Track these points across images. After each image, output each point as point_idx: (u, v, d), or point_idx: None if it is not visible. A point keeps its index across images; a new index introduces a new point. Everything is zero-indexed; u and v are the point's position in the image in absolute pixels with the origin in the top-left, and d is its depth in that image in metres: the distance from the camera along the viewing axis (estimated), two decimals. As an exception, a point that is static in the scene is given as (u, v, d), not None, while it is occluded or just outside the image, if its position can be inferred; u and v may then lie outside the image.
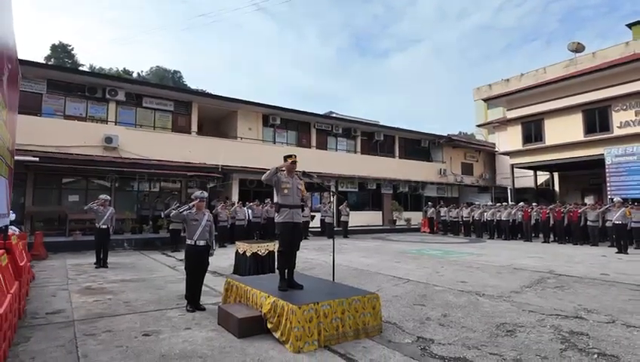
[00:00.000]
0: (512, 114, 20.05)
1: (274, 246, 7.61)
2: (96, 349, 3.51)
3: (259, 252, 7.29)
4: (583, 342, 3.75)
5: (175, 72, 55.20)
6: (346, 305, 3.91)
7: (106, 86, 14.63)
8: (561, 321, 4.42)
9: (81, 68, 41.87)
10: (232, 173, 16.17)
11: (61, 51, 46.47)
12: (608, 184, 15.81)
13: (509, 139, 20.53)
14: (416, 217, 21.68)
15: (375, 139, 22.41)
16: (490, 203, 20.38)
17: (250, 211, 13.77)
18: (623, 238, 10.94)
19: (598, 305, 5.13)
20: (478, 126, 32.63)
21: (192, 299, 4.91)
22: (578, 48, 31.49)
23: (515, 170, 20.16)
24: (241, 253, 7.48)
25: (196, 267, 4.95)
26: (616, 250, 10.97)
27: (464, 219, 17.63)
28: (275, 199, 4.65)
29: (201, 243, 4.97)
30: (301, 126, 20.21)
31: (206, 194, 5.36)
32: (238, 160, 16.11)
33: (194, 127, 16.73)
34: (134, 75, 51.05)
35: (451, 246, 13.24)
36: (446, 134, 26.18)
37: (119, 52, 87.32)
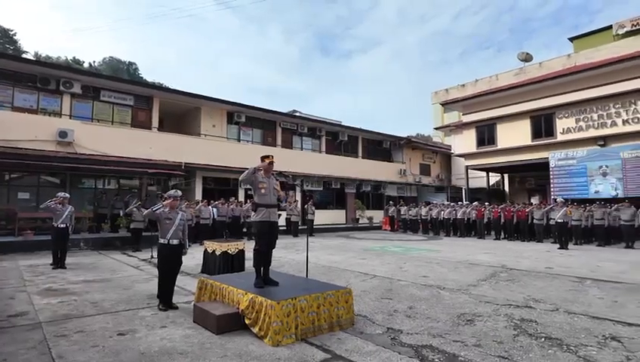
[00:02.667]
0: (467, 118, 21.20)
1: (244, 244, 7.67)
2: (70, 349, 3.45)
3: (229, 251, 7.31)
4: (532, 328, 4.19)
5: (131, 63, 52.67)
6: (321, 299, 4.10)
7: (61, 77, 13.80)
8: (513, 310, 4.88)
9: (25, 55, 38.90)
10: (195, 170, 15.87)
11: (2, 36, 42.88)
12: (552, 185, 17.20)
13: (464, 142, 21.68)
14: (378, 215, 22.33)
15: (339, 139, 22.82)
16: (446, 202, 21.45)
17: (215, 210, 13.60)
18: (564, 235, 12.00)
19: (544, 295, 5.69)
20: (436, 129, 34.09)
21: (165, 298, 4.89)
22: (527, 58, 33.78)
23: (469, 171, 21.32)
24: (211, 251, 7.46)
25: (169, 266, 4.94)
26: (558, 245, 12.01)
27: (423, 217, 18.43)
28: (253, 199, 4.74)
29: (175, 242, 4.97)
30: (266, 124, 20.16)
31: (180, 193, 5.34)
32: (201, 157, 15.84)
33: (155, 123, 16.21)
34: (85, 65, 48.12)
35: (412, 243, 13.86)
36: (406, 136, 27.16)
37: (69, 40, 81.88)
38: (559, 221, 12.08)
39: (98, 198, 13.88)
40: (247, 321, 3.98)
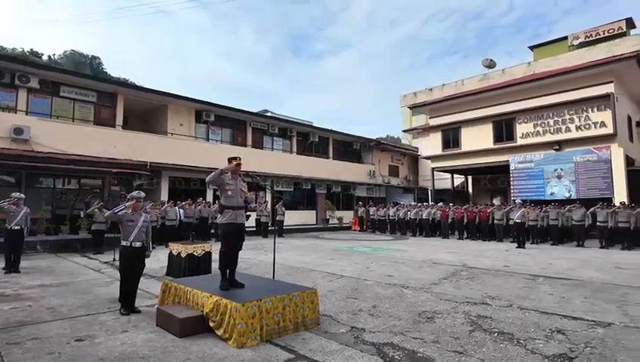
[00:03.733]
0: (434, 121, 21.87)
1: (210, 246, 7.58)
2: (24, 357, 3.32)
3: (195, 253, 7.20)
4: (487, 324, 4.43)
5: (94, 57, 50.37)
6: (287, 300, 4.15)
7: (16, 71, 13.08)
8: (470, 307, 5.13)
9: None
10: (161, 170, 15.46)
11: (-51, 24, 39.89)
12: (512, 187, 18.06)
13: (431, 145, 22.36)
14: (347, 216, 22.61)
15: (310, 140, 22.92)
16: (413, 203, 22.04)
17: (181, 211, 13.32)
18: (521, 235, 12.66)
19: (500, 292, 6.01)
20: (404, 131, 34.86)
21: (127, 302, 4.78)
22: (490, 65, 35.21)
23: (435, 173, 22.00)
24: (176, 254, 7.33)
25: (132, 268, 4.84)
26: (516, 245, 12.64)
27: (390, 217, 18.83)
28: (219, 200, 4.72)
29: (137, 244, 4.87)
30: (236, 124, 19.94)
31: (143, 194, 5.22)
32: (168, 157, 15.47)
33: (119, 121, 15.68)
34: (44, 58, 45.63)
35: (379, 243, 14.15)
36: (375, 138, 27.68)
37: (26, 31, 77.26)
38: (517, 221, 12.72)
39: (57, 198, 13.25)
40: (211, 324, 3.97)
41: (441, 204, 17.94)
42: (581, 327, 4.30)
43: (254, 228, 16.38)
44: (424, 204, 19.94)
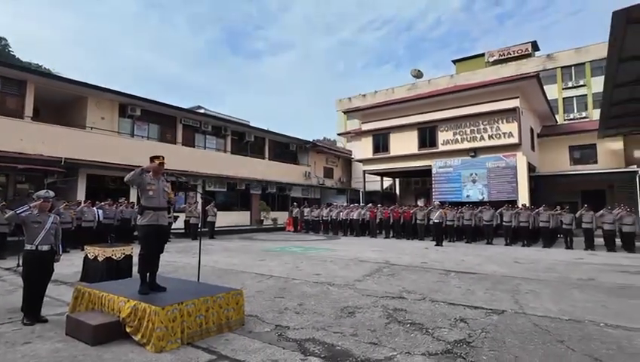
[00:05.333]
0: (366, 126, 22.86)
1: (131, 249, 7.18)
2: None
3: (113, 256, 6.78)
4: (401, 316, 4.81)
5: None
6: (210, 302, 4.13)
7: None
8: (388, 301, 5.52)
9: None
10: (78, 167, 14.20)
11: None
12: (434, 189, 19.54)
13: (363, 148, 23.33)
14: (282, 217, 22.66)
15: (246, 139, 22.60)
16: (345, 203, 22.81)
17: (100, 212, 12.36)
18: (439, 234, 13.79)
19: (416, 286, 6.53)
20: (339, 134, 35.90)
21: (31, 311, 4.38)
22: (418, 75, 37.69)
23: (366, 175, 23.01)
24: (92, 257, 6.84)
25: (38, 275, 4.44)
26: (435, 243, 13.72)
27: (324, 218, 19.30)
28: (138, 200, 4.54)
29: (45, 248, 4.49)
30: (166, 120, 18.97)
31: (52, 193, 4.82)
32: (87, 153, 14.27)
33: (28, 112, 14.09)
34: None
35: (311, 243, 14.45)
36: (312, 140, 28.11)
37: None
38: (436, 221, 13.82)
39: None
40: (128, 329, 3.83)
41: (370, 205, 18.80)
42: (480, 315, 4.86)
43: (183, 230, 15.77)
44: (355, 204, 20.72)
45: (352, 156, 29.05)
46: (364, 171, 22.94)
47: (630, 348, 3.75)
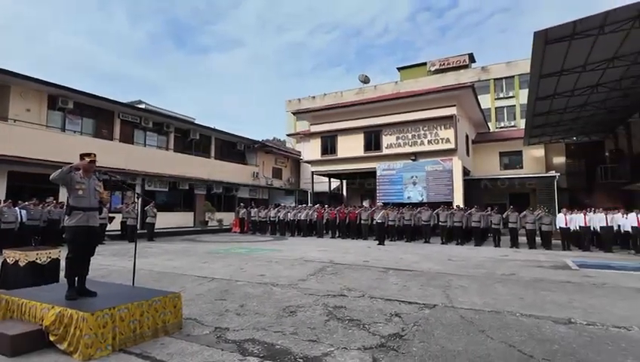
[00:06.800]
0: (315, 128, 23.16)
1: (59, 253, 6.67)
2: None
3: (38, 260, 6.25)
4: (341, 313, 4.98)
5: None
6: (145, 306, 3.98)
7: None
8: (329, 299, 5.68)
9: None
10: (-2, 163, 12.87)
11: None
12: (378, 191, 20.27)
13: (311, 150, 23.59)
14: (228, 218, 22.20)
15: (190, 137, 21.85)
16: (294, 204, 22.89)
17: (24, 212, 11.30)
18: (382, 233, 14.36)
19: (357, 284, 6.77)
20: (288, 135, 35.96)
21: None
22: (365, 80, 38.83)
23: (314, 176, 23.30)
24: (12, 262, 6.24)
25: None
26: (377, 242, 14.25)
27: (271, 219, 19.22)
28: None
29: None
30: (102, 114, 17.79)
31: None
32: (8, 148, 13.01)
33: None
34: None
35: (257, 244, 14.33)
36: (261, 140, 27.88)
37: None
38: (379, 221, 14.37)
39: None
40: (52, 338, 3.58)
41: (317, 205, 19.06)
42: (414, 310, 5.17)
43: (120, 232, 14.88)
44: (303, 205, 20.89)
45: (301, 157, 29.22)
46: (312, 172, 23.21)
47: (539, 334, 4.21)
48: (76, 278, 4.12)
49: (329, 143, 22.34)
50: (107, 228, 13.37)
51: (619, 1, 9.24)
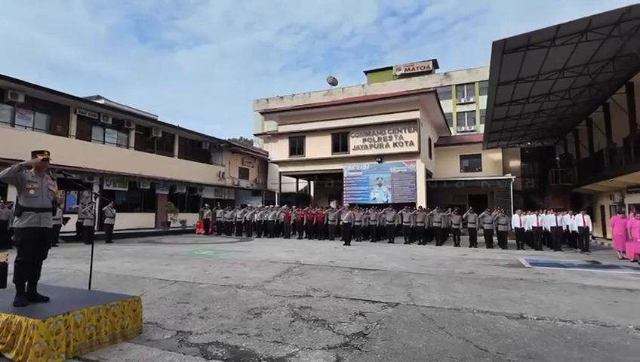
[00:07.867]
0: (282, 128, 23.07)
1: (6, 256, 6.25)
2: None
3: (-18, 264, 5.83)
4: (306, 313, 5.00)
5: None
6: (102, 311, 3.83)
7: None
8: (295, 300, 5.69)
9: None
10: (-64, 159, 11.85)
11: None
12: (345, 192, 20.49)
13: (279, 150, 23.49)
14: (192, 218, 21.65)
15: (152, 135, 21.11)
16: (261, 205, 22.68)
17: (-33, 212, 10.49)
18: (348, 233, 14.54)
19: (322, 284, 6.82)
20: (256, 135, 35.59)
21: None
22: (333, 82, 39.14)
23: (282, 176, 23.20)
24: (-48, 267, 5.78)
25: None
26: (344, 242, 14.41)
27: (237, 220, 18.94)
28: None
29: None
30: (56, 109, 16.82)
31: None
32: (-52, 143, 11.98)
33: None
34: None
35: (223, 245, 14.06)
36: (227, 139, 27.40)
37: None
38: (345, 222, 14.54)
39: None
40: (-2, 348, 3.36)
41: (285, 206, 18.99)
42: (377, 309, 5.29)
43: (75, 233, 14.12)
44: (270, 206, 20.73)
45: (269, 157, 29.00)
46: (280, 173, 23.09)
47: (494, 329, 4.44)
48: (26, 283, 3.88)
49: (297, 144, 22.34)
50: (61, 230, 12.66)
51: (575, 15, 9.91)
